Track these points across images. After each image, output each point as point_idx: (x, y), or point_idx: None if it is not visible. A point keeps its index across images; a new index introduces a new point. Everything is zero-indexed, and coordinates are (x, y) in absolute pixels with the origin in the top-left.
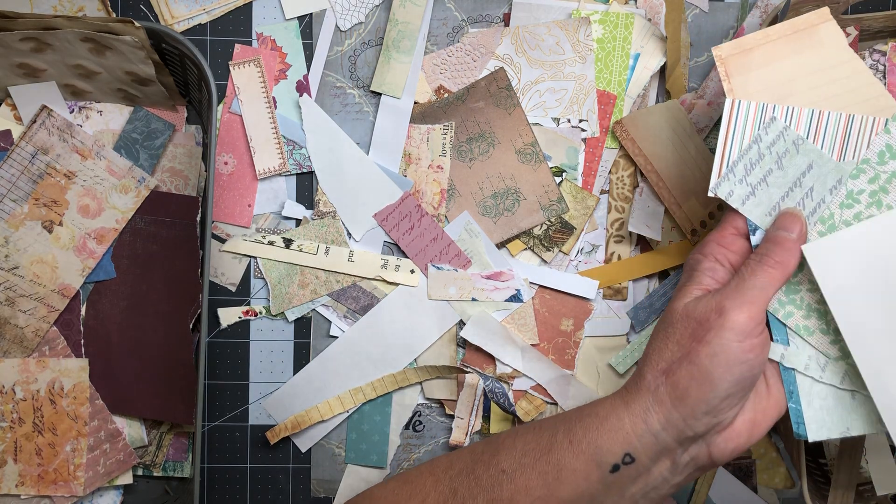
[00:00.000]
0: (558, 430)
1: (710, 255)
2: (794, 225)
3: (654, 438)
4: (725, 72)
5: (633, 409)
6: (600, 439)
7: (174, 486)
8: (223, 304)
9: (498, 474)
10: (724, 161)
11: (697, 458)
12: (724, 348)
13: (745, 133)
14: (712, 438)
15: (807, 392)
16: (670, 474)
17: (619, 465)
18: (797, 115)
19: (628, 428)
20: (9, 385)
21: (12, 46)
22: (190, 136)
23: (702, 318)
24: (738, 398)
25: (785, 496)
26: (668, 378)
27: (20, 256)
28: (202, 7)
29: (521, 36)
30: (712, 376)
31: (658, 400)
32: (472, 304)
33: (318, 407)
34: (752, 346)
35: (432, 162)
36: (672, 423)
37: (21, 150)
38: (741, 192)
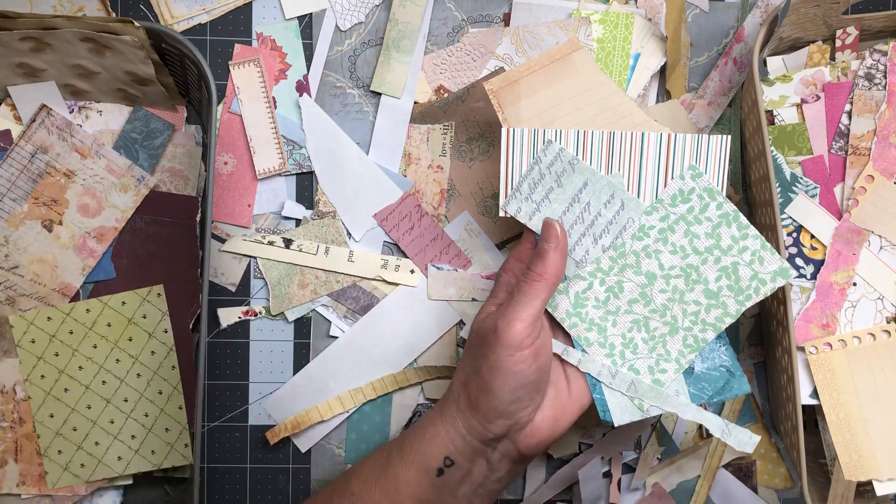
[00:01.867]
0: (393, 448)
1: (508, 269)
2: (550, 235)
3: (463, 441)
4: (498, 104)
5: (444, 418)
6: (423, 448)
7: (174, 486)
8: (223, 304)
9: (349, 497)
10: (507, 184)
11: (508, 453)
12: (498, 363)
13: (523, 156)
14: (515, 436)
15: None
16: (489, 471)
17: (443, 468)
18: (566, 136)
19: (443, 434)
20: (9, 385)
21: (12, 46)
22: (190, 135)
23: (483, 335)
24: (527, 401)
25: (785, 496)
26: (465, 389)
27: (20, 256)
28: (202, 7)
29: (521, 36)
30: (492, 387)
31: (460, 409)
32: (472, 304)
33: (318, 407)
34: (522, 357)
35: (432, 162)
36: (473, 427)
37: (21, 150)
38: (528, 208)
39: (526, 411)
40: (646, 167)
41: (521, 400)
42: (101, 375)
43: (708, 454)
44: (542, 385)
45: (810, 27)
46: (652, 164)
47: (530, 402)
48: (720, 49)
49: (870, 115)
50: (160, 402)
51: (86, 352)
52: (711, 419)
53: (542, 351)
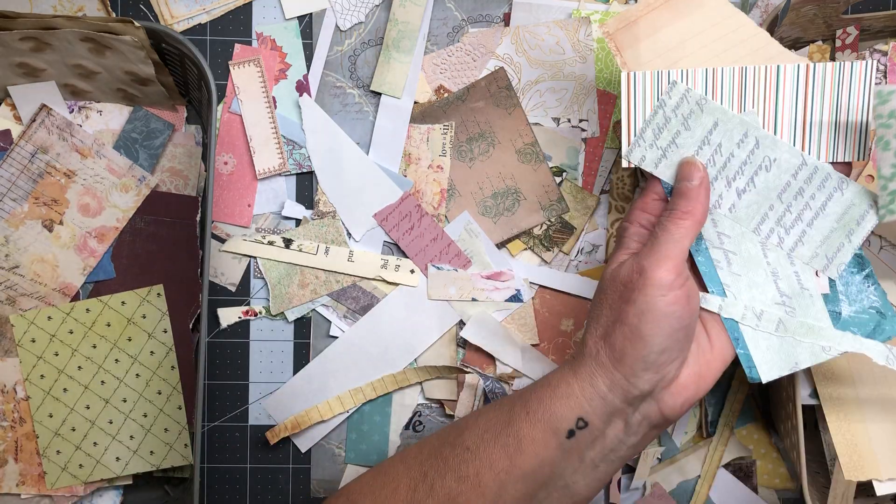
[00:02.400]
0: (515, 404)
1: (634, 221)
2: (692, 172)
3: (602, 401)
4: (616, 47)
5: (580, 375)
6: (553, 407)
7: (174, 486)
8: (223, 304)
9: (463, 452)
10: (630, 132)
11: (649, 415)
12: (648, 305)
13: (647, 102)
14: (660, 395)
15: (752, 336)
16: (625, 435)
17: (574, 430)
18: (693, 76)
19: (578, 393)
20: (10, 385)
21: (12, 46)
22: (190, 135)
23: (626, 280)
24: (676, 351)
25: (785, 496)
26: (606, 342)
27: (20, 255)
28: (202, 7)
29: (521, 36)
30: (643, 333)
31: (600, 363)
32: (472, 304)
33: (318, 407)
34: (675, 297)
35: (432, 162)
36: (616, 383)
37: (21, 150)
38: (653, 155)
39: (674, 364)
40: (782, 102)
41: (671, 349)
42: (101, 375)
43: (708, 454)
44: (692, 332)
45: (810, 27)
46: (789, 98)
47: (680, 352)
48: None
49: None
50: (159, 402)
51: (85, 352)
52: (872, 347)
53: (693, 293)
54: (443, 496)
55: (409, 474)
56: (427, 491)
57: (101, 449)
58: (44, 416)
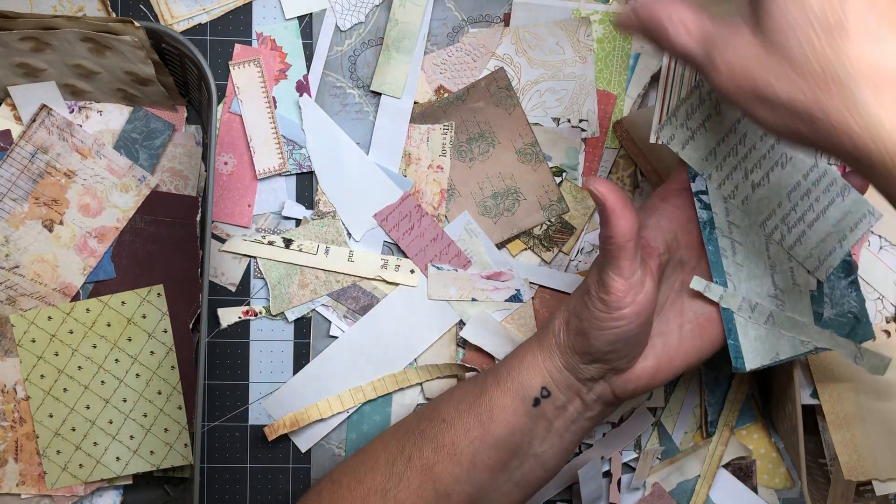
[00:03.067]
0: (488, 376)
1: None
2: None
3: (560, 375)
4: None
5: (543, 348)
6: (521, 376)
7: (174, 486)
8: (223, 304)
9: (439, 424)
10: (664, 108)
11: (602, 395)
12: (595, 316)
13: (683, 81)
14: (611, 379)
15: (742, 326)
16: (583, 409)
17: (539, 398)
18: None
19: (541, 364)
20: (10, 384)
21: (12, 46)
22: (190, 136)
23: (588, 286)
24: (625, 352)
25: (785, 496)
26: (566, 327)
27: (21, 255)
28: (202, 7)
29: (521, 36)
30: (589, 336)
31: (558, 343)
32: (472, 304)
33: (318, 405)
34: (620, 315)
35: (432, 162)
36: (570, 364)
37: (21, 150)
38: (682, 136)
39: (623, 360)
40: None
41: (617, 352)
42: (101, 375)
43: (708, 454)
44: (643, 338)
45: None
46: None
47: (629, 352)
48: None
49: None
50: (159, 402)
51: (85, 352)
52: (844, 344)
53: (645, 308)
54: (420, 466)
55: (386, 450)
56: (405, 463)
57: (101, 449)
58: (44, 416)
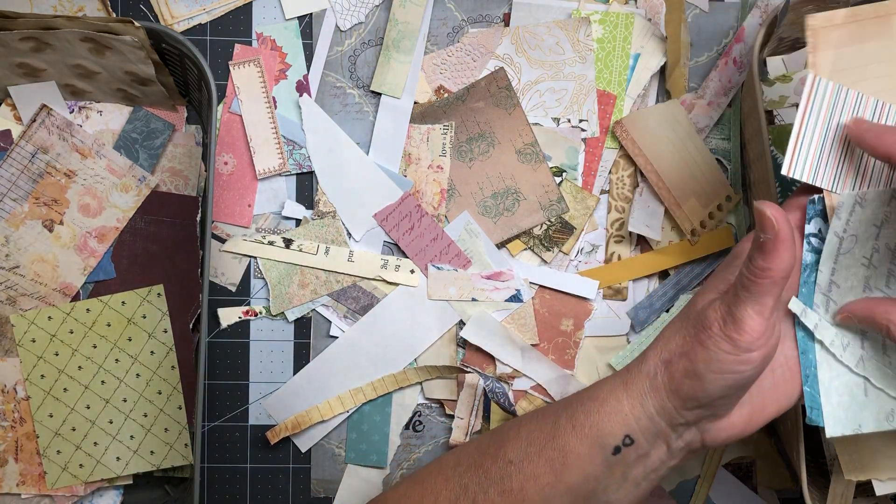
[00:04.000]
0: (560, 416)
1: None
2: (764, 223)
3: (650, 422)
4: (814, 44)
5: (631, 392)
6: (602, 422)
7: (174, 486)
8: (223, 304)
9: (506, 465)
10: (799, 139)
11: (691, 443)
12: (718, 357)
13: (820, 113)
14: (706, 426)
15: (825, 385)
16: (667, 457)
17: (620, 446)
18: (864, 102)
19: (627, 410)
20: (10, 384)
21: (12, 46)
22: (190, 136)
23: (708, 323)
24: (734, 399)
25: (785, 496)
26: (667, 368)
27: (21, 255)
28: (202, 7)
29: (521, 36)
30: (704, 379)
31: (654, 386)
32: (472, 304)
33: (319, 407)
34: (748, 358)
35: (432, 162)
36: (665, 410)
37: (21, 150)
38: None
39: (728, 407)
40: None
41: (728, 398)
42: (101, 375)
43: (708, 454)
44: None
45: None
46: None
47: (736, 400)
48: (720, 49)
49: None
50: (159, 402)
51: (85, 352)
52: None
53: (771, 352)
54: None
55: (448, 486)
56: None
57: (101, 449)
58: (44, 416)
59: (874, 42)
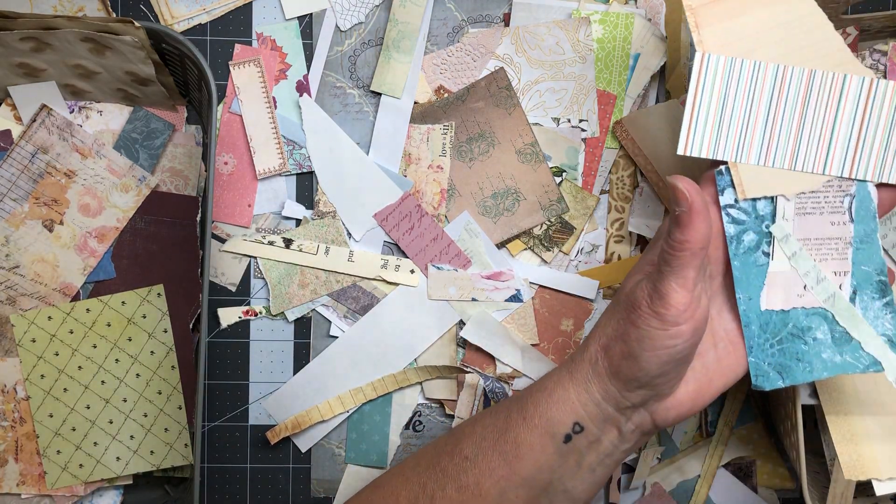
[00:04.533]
0: (512, 409)
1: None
2: (679, 197)
3: (596, 408)
4: (696, 23)
5: (576, 380)
6: (550, 411)
7: (174, 486)
8: (223, 304)
9: (461, 461)
10: (693, 117)
11: (641, 425)
12: (649, 334)
13: (714, 88)
14: (653, 407)
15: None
16: (619, 441)
17: (571, 434)
18: (763, 70)
19: (574, 398)
20: (10, 384)
21: (12, 46)
22: (190, 136)
23: (636, 301)
24: (673, 375)
25: (785, 496)
26: (606, 353)
27: (21, 255)
28: (202, 7)
29: (521, 36)
30: (640, 358)
31: (597, 372)
32: (472, 304)
33: (319, 407)
34: (678, 332)
35: (432, 162)
36: (610, 394)
37: (21, 150)
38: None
39: (669, 384)
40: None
41: (667, 374)
42: (101, 375)
43: (708, 454)
44: (690, 358)
45: None
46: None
47: (676, 375)
48: None
49: None
50: (159, 402)
51: (85, 351)
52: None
53: (699, 327)
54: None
55: (407, 486)
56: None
57: (101, 449)
58: (44, 416)
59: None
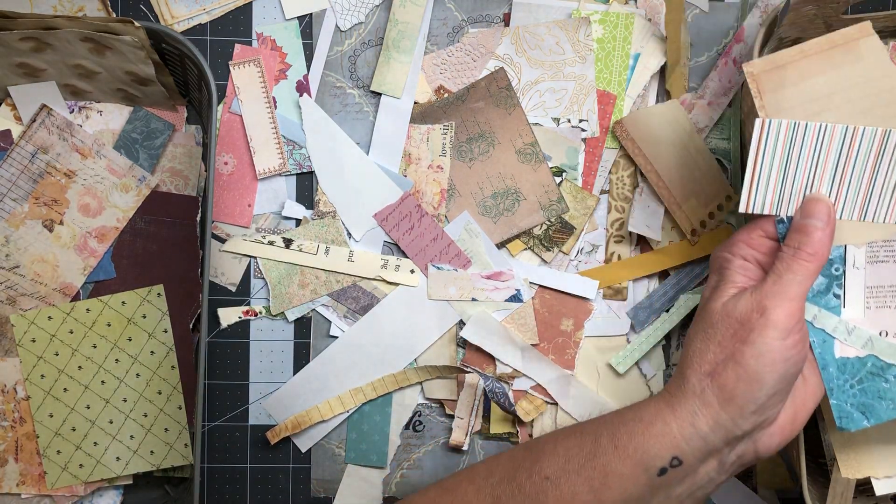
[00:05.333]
0: (601, 435)
1: (737, 254)
2: (818, 210)
3: (702, 441)
4: (757, 89)
5: (679, 413)
6: (647, 444)
7: (174, 485)
8: (223, 304)
9: (541, 481)
10: (753, 181)
11: (744, 455)
12: (768, 347)
13: (777, 150)
14: (758, 435)
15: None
16: (717, 473)
17: (667, 468)
18: (830, 132)
19: (675, 432)
20: (10, 384)
21: (12, 46)
22: (190, 136)
23: (743, 318)
24: (784, 394)
25: (785, 496)
26: (714, 380)
27: (21, 255)
28: (202, 7)
29: (521, 36)
30: (759, 376)
31: (705, 402)
32: (472, 304)
33: (319, 407)
34: (794, 342)
35: (432, 162)
36: (720, 424)
37: (21, 150)
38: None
39: (778, 407)
40: None
41: (780, 392)
42: (101, 375)
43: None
44: (798, 373)
45: (810, 27)
46: None
47: (786, 395)
48: (720, 49)
49: None
50: (159, 402)
51: (85, 351)
52: None
53: (807, 338)
54: None
55: (479, 496)
56: None
57: (101, 449)
58: (44, 416)
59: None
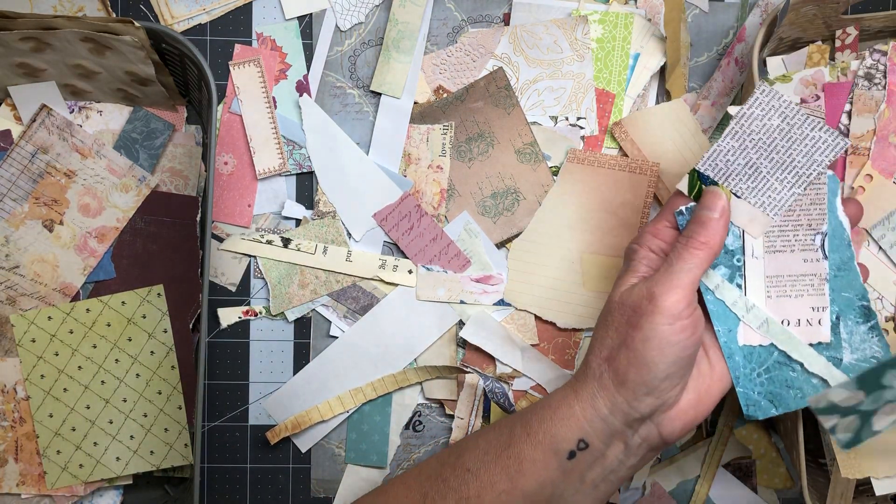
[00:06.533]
0: (516, 425)
1: (644, 244)
2: (715, 203)
3: (603, 423)
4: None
5: (581, 396)
6: (554, 428)
7: (174, 486)
8: (223, 304)
9: (463, 473)
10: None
11: (648, 438)
12: (655, 332)
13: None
14: (659, 418)
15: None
16: (625, 456)
17: (575, 451)
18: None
19: (579, 414)
20: (10, 384)
21: (12, 46)
22: (190, 136)
23: (635, 305)
24: (678, 378)
25: (785, 496)
26: (610, 365)
27: (21, 255)
28: (202, 7)
29: (518, 35)
30: (647, 359)
31: (603, 385)
32: (471, 304)
33: (319, 407)
34: (682, 327)
35: (432, 162)
36: (617, 406)
37: (21, 150)
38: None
39: (675, 390)
40: None
41: (673, 376)
42: (101, 375)
43: (708, 454)
44: (693, 360)
45: (810, 27)
46: None
47: (681, 379)
48: (720, 49)
49: (869, 115)
50: (159, 402)
51: (85, 352)
52: (838, 376)
53: (699, 324)
54: None
55: (409, 494)
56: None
57: (101, 449)
58: (44, 416)
59: None
